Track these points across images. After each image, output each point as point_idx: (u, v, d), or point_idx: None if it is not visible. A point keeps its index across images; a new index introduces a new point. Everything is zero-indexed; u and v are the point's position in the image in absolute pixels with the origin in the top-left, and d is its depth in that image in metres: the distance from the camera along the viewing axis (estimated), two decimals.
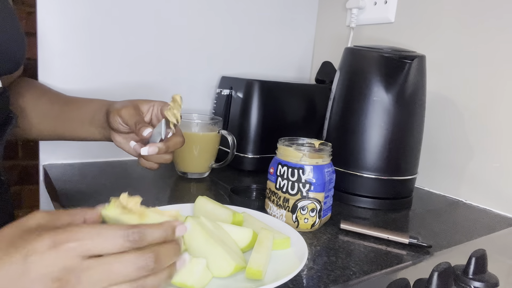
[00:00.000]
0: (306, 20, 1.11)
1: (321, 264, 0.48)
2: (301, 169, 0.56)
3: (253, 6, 1.00)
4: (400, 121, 0.68)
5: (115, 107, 0.57)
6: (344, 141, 0.70)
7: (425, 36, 0.85)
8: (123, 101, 0.59)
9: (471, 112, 0.77)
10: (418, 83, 0.69)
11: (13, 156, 1.66)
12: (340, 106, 0.72)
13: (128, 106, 0.56)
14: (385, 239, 0.56)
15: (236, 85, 0.86)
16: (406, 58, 0.67)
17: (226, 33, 0.97)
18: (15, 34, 0.51)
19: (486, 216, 0.70)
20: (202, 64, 0.95)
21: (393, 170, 0.69)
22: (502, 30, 0.72)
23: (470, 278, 0.41)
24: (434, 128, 0.82)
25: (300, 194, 0.56)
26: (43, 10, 0.75)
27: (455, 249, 0.55)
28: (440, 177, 0.82)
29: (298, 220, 0.56)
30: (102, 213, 0.36)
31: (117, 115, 0.55)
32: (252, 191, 0.72)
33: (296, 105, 0.89)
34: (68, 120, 0.63)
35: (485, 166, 0.75)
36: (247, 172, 0.84)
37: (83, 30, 0.79)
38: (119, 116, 0.55)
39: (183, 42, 0.91)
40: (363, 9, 0.96)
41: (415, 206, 0.73)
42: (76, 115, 0.63)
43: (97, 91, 0.82)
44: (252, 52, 1.02)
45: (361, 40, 0.98)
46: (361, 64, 0.71)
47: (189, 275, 0.38)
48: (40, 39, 0.76)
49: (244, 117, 0.83)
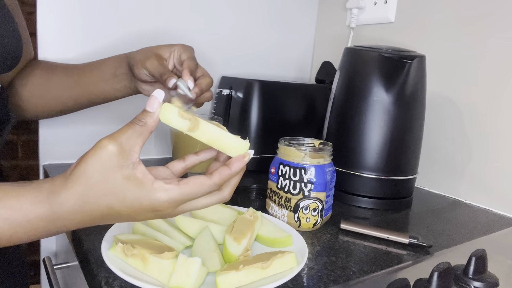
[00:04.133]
0: (306, 20, 1.11)
1: (321, 264, 0.48)
2: (303, 169, 0.56)
3: (253, 6, 1.00)
4: (400, 121, 0.68)
5: (137, 59, 0.57)
6: (344, 141, 0.71)
7: (425, 36, 0.85)
8: (142, 50, 0.59)
9: (471, 112, 0.77)
10: (418, 83, 0.69)
11: (13, 156, 1.65)
12: (340, 106, 0.72)
13: (151, 57, 0.56)
14: (385, 239, 0.56)
15: (236, 85, 0.86)
16: (406, 58, 0.67)
17: (226, 33, 0.97)
18: (10, 32, 0.51)
19: (486, 216, 0.70)
20: (202, 64, 0.95)
21: (393, 170, 0.69)
22: (502, 30, 0.72)
23: (470, 278, 0.41)
24: (434, 128, 0.82)
25: (302, 193, 0.56)
26: (43, 10, 0.75)
27: (455, 249, 0.55)
28: (440, 177, 0.82)
29: (300, 219, 0.56)
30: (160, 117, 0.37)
31: (143, 68, 0.56)
32: (252, 191, 0.72)
33: (296, 105, 0.89)
34: (90, 83, 0.63)
35: (485, 166, 0.75)
36: (247, 172, 0.84)
37: (83, 30, 0.79)
38: (144, 69, 0.56)
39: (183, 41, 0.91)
40: (363, 9, 0.96)
41: (415, 206, 0.73)
42: (97, 75, 0.63)
43: None
44: (252, 52, 1.02)
45: (361, 40, 0.98)
46: (361, 64, 0.71)
47: (186, 277, 0.38)
48: (40, 39, 0.76)
49: (244, 117, 0.83)
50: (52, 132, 0.80)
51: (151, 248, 0.41)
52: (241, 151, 0.38)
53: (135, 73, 0.57)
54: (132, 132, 0.35)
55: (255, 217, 0.50)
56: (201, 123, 0.38)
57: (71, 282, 0.69)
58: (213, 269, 0.42)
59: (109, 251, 0.42)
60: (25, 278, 0.63)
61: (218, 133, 0.38)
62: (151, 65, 0.56)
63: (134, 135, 0.35)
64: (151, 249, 0.41)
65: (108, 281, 0.41)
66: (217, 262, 0.43)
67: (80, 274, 0.48)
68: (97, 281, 0.41)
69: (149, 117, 0.36)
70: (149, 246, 0.42)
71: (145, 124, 0.36)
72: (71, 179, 0.35)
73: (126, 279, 0.38)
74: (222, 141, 0.38)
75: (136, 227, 0.49)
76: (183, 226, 0.50)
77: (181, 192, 0.36)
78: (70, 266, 0.65)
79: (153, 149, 0.92)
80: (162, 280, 0.39)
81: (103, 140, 0.35)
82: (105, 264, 0.41)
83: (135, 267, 0.41)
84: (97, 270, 0.43)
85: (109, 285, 0.40)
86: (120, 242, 0.42)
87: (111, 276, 0.41)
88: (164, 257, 0.40)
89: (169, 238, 0.48)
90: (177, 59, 0.59)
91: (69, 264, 0.65)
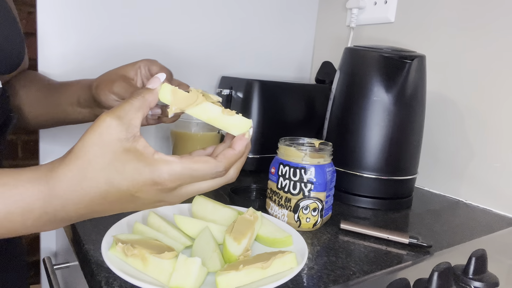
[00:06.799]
0: (306, 20, 1.11)
1: (321, 264, 0.48)
2: (303, 169, 0.56)
3: (253, 6, 1.00)
4: (400, 121, 0.68)
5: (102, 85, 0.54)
6: (344, 141, 0.70)
7: (425, 36, 0.85)
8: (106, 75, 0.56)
9: (471, 112, 0.77)
10: (418, 83, 0.69)
11: (13, 156, 1.66)
12: (340, 106, 0.72)
13: (117, 80, 0.54)
14: (385, 239, 0.56)
15: (236, 85, 0.86)
16: (406, 58, 0.67)
17: (226, 33, 0.97)
18: (14, 34, 0.51)
19: (486, 216, 0.70)
20: (202, 64, 0.95)
21: (393, 170, 0.69)
22: (502, 30, 0.72)
23: (470, 278, 0.41)
24: (434, 128, 0.82)
25: (302, 193, 0.56)
26: (43, 10, 0.75)
27: (455, 249, 0.55)
28: (440, 177, 0.82)
29: (300, 219, 0.56)
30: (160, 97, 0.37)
31: (110, 93, 0.53)
32: (252, 191, 0.72)
33: (296, 105, 0.89)
34: (58, 105, 0.62)
35: (485, 166, 0.75)
36: (247, 172, 0.84)
37: (83, 30, 0.79)
38: (112, 94, 0.53)
39: (183, 42, 0.91)
40: (363, 9, 0.96)
41: (415, 206, 0.73)
42: (64, 99, 0.62)
43: None
44: (252, 52, 1.02)
45: (361, 40, 0.98)
46: (361, 64, 0.71)
47: (186, 277, 0.38)
48: (40, 39, 0.76)
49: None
50: (52, 132, 0.80)
51: (151, 248, 0.41)
52: (243, 129, 0.37)
53: (102, 101, 0.54)
54: (131, 106, 0.35)
55: (255, 217, 0.50)
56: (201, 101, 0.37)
57: (71, 282, 0.69)
58: (213, 269, 0.42)
59: (109, 251, 0.42)
60: (25, 278, 0.63)
61: (219, 110, 0.37)
62: (119, 88, 0.53)
63: (133, 109, 0.35)
64: (151, 249, 0.41)
65: (108, 281, 0.41)
66: (217, 262, 0.43)
67: (80, 274, 0.48)
68: (97, 281, 0.41)
69: (148, 93, 0.36)
70: (149, 246, 0.42)
71: (143, 98, 0.35)
72: (69, 155, 0.34)
73: (126, 279, 0.38)
74: (223, 118, 0.37)
75: (136, 227, 0.49)
76: (183, 226, 0.50)
77: (184, 166, 0.34)
78: (70, 266, 0.65)
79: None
80: (162, 280, 0.39)
81: (102, 115, 0.34)
82: (105, 264, 0.41)
83: (135, 267, 0.41)
84: (97, 270, 0.43)
85: (109, 285, 0.40)
86: (120, 242, 0.42)
87: (111, 276, 0.41)
88: (164, 257, 0.40)
89: (169, 238, 0.48)
90: (145, 75, 0.56)
91: (69, 264, 0.65)
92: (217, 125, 0.38)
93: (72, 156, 0.33)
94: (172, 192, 0.35)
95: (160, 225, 0.50)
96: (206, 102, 0.37)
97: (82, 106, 0.60)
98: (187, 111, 0.37)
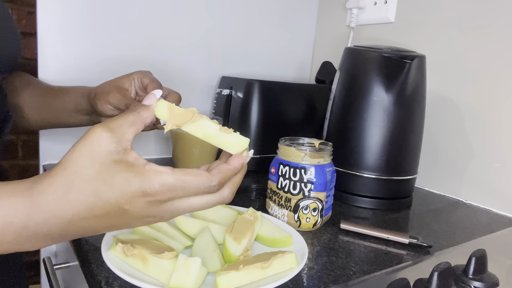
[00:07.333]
0: (306, 20, 1.11)
1: (321, 264, 0.48)
2: (303, 169, 0.56)
3: (253, 6, 1.00)
4: (400, 121, 0.68)
5: (99, 96, 0.56)
6: (344, 141, 0.71)
7: (425, 36, 0.85)
8: (103, 85, 0.58)
9: (471, 112, 0.77)
10: (418, 83, 0.69)
11: (13, 156, 1.66)
12: (340, 106, 0.72)
13: (112, 91, 0.56)
14: (385, 239, 0.56)
15: (236, 85, 0.86)
16: (406, 58, 0.67)
17: (226, 33, 0.97)
18: (9, 33, 0.51)
19: (486, 216, 0.70)
20: (202, 64, 0.95)
21: (393, 170, 0.69)
22: (503, 30, 0.72)
23: (470, 278, 0.41)
24: (434, 128, 0.82)
25: (302, 193, 0.56)
26: (43, 10, 0.75)
27: (455, 249, 0.55)
28: (440, 177, 0.82)
29: (300, 219, 0.56)
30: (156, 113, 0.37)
31: (106, 103, 0.56)
32: (252, 191, 0.72)
33: (296, 105, 0.89)
34: (54, 110, 0.63)
35: (485, 166, 0.75)
36: (247, 172, 0.84)
37: (83, 30, 0.79)
38: (108, 104, 0.56)
39: (183, 42, 0.91)
40: (363, 9, 0.96)
41: (415, 206, 0.73)
42: (60, 105, 0.63)
43: None
44: (252, 52, 1.02)
45: (361, 40, 0.98)
46: (361, 64, 0.71)
47: (186, 277, 0.38)
48: (40, 39, 0.76)
49: (244, 117, 0.83)
50: (52, 132, 0.80)
51: (151, 248, 0.41)
52: (241, 147, 0.37)
53: (99, 110, 0.57)
54: (124, 120, 0.34)
55: (255, 217, 0.50)
56: (198, 118, 0.37)
57: (71, 282, 0.69)
58: (213, 269, 0.42)
59: (109, 251, 0.42)
60: (23, 278, 0.63)
61: (216, 128, 0.37)
62: (114, 98, 0.55)
63: (126, 123, 0.34)
64: (151, 249, 0.41)
65: (108, 281, 0.41)
66: (217, 262, 0.43)
67: (80, 274, 0.48)
68: (97, 281, 0.41)
69: (144, 109, 0.36)
70: (149, 246, 0.42)
71: (138, 114, 0.35)
72: (56, 167, 0.32)
73: (126, 279, 0.38)
74: (220, 136, 0.37)
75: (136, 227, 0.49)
76: (183, 226, 0.50)
77: (176, 177, 0.32)
78: (70, 266, 0.65)
79: (153, 149, 0.92)
80: (162, 280, 0.39)
81: (94, 126, 0.33)
82: (105, 264, 0.41)
83: (135, 267, 0.41)
84: (97, 270, 0.43)
85: (109, 285, 0.40)
86: (120, 242, 0.42)
87: (111, 276, 0.41)
88: (164, 257, 0.40)
89: (169, 238, 0.48)
90: (138, 86, 0.58)
91: (69, 264, 0.65)
92: (214, 143, 0.37)
93: (59, 167, 0.32)
94: (162, 205, 0.33)
95: (160, 225, 0.50)
96: (202, 119, 0.37)
97: (81, 113, 0.62)
98: (183, 127, 0.37)
